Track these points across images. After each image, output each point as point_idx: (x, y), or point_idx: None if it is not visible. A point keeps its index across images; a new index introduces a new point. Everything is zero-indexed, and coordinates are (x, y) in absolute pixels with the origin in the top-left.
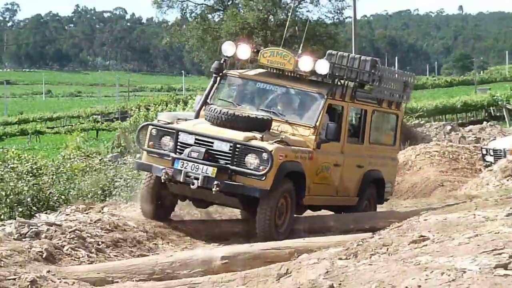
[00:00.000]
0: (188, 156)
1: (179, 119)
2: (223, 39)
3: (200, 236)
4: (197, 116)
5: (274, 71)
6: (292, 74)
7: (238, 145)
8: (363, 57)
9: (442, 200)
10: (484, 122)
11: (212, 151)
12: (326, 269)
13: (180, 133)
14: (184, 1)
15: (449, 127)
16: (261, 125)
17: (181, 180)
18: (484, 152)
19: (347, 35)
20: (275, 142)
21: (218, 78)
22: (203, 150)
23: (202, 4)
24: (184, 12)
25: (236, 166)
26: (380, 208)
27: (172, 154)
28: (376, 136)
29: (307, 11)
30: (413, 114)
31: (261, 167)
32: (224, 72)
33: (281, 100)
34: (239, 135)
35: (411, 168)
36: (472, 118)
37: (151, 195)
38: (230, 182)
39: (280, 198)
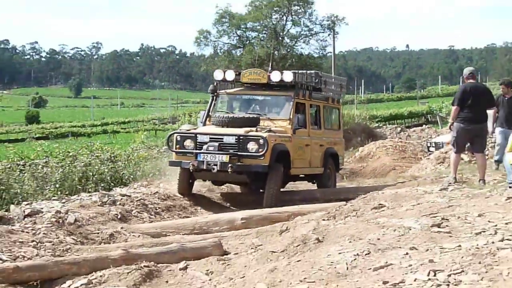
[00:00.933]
0: (206, 150)
1: (194, 128)
2: (242, 67)
3: (226, 204)
4: (204, 124)
5: (252, 86)
6: (266, 85)
7: (241, 137)
8: (309, 72)
9: (394, 179)
10: (423, 125)
11: (223, 144)
12: (314, 227)
13: (198, 135)
14: (215, 41)
15: (399, 129)
16: (253, 122)
17: (204, 168)
18: (429, 145)
19: (328, 64)
20: (266, 131)
21: (214, 97)
22: (217, 144)
23: (228, 43)
24: (216, 49)
25: (241, 152)
26: (350, 184)
27: (195, 151)
28: (328, 124)
29: (301, 48)
30: (374, 120)
31: (260, 150)
32: (217, 92)
33: (261, 105)
34: (240, 130)
35: (373, 157)
36: (415, 122)
37: (183, 181)
38: (240, 164)
39: (281, 175)
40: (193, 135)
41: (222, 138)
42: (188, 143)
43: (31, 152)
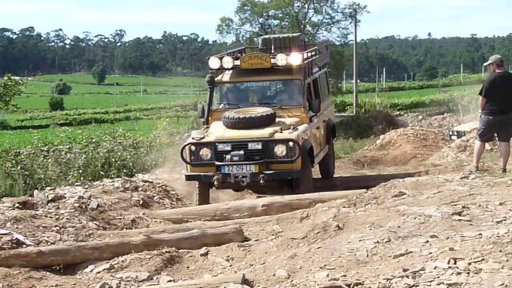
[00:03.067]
0: (231, 161)
1: (205, 133)
2: None
3: (247, 191)
4: (207, 122)
5: (255, 71)
6: (270, 70)
7: (268, 141)
8: (292, 35)
9: (415, 167)
10: (445, 114)
11: (248, 152)
12: (334, 214)
13: (218, 144)
14: (238, 28)
15: (420, 117)
16: (270, 119)
17: (232, 181)
18: (451, 133)
19: (349, 52)
20: (292, 131)
21: (213, 88)
22: (242, 152)
23: (250, 31)
24: (238, 36)
25: (270, 158)
26: (371, 172)
27: (216, 163)
28: (323, 92)
29: (322, 36)
30: (396, 108)
31: (290, 154)
32: (216, 81)
33: (268, 92)
34: (264, 133)
35: (393, 145)
36: (436, 111)
37: (204, 196)
38: (271, 172)
39: (311, 174)
40: (212, 144)
41: (246, 145)
42: (206, 152)
43: (55, 138)
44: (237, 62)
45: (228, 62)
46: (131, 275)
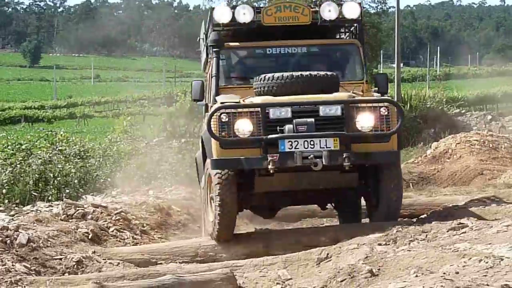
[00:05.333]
0: (297, 132)
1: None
2: None
3: (242, 219)
4: (214, 102)
5: (286, 31)
6: (308, 29)
7: (352, 105)
8: None
9: (482, 188)
10: None
11: (322, 120)
12: (365, 254)
13: (268, 108)
14: None
15: (489, 117)
16: (336, 84)
17: (299, 164)
18: None
19: (390, 24)
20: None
21: (219, 54)
22: (312, 120)
23: None
24: (231, 0)
25: (353, 132)
26: (418, 194)
27: (270, 136)
28: None
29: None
30: (454, 104)
31: (382, 125)
32: (225, 44)
33: (310, 62)
34: (342, 95)
35: (451, 157)
36: None
37: (228, 211)
38: (360, 152)
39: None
40: (259, 107)
41: (316, 110)
42: (249, 124)
43: None
44: (259, 16)
45: (244, 13)
46: None
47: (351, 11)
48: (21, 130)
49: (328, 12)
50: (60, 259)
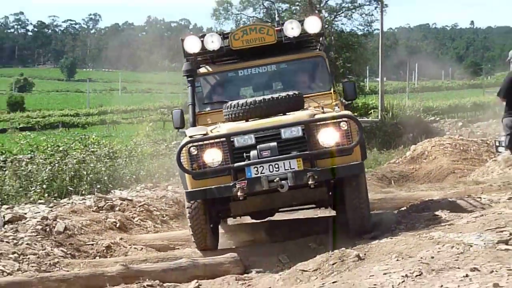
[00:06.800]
0: (261, 158)
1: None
2: None
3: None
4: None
5: (253, 51)
6: (276, 46)
7: (312, 124)
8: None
9: (453, 185)
10: (490, 120)
11: (283, 143)
12: (353, 242)
13: (233, 137)
14: (238, 14)
15: (460, 123)
16: (299, 102)
17: (266, 188)
18: (497, 144)
19: (375, 44)
20: (339, 109)
21: (193, 81)
22: (274, 144)
23: (253, 16)
24: (238, 24)
25: (315, 150)
26: (399, 190)
27: (236, 164)
28: None
29: (341, 24)
30: (430, 112)
31: (344, 139)
32: (197, 71)
33: (280, 78)
34: (302, 115)
35: (427, 158)
36: (480, 116)
37: (205, 225)
38: (323, 168)
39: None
40: (224, 137)
41: (278, 133)
42: (217, 154)
43: (14, 145)
44: (226, 42)
45: (213, 41)
46: None
47: (313, 26)
48: (59, 134)
49: (291, 30)
50: (92, 244)
